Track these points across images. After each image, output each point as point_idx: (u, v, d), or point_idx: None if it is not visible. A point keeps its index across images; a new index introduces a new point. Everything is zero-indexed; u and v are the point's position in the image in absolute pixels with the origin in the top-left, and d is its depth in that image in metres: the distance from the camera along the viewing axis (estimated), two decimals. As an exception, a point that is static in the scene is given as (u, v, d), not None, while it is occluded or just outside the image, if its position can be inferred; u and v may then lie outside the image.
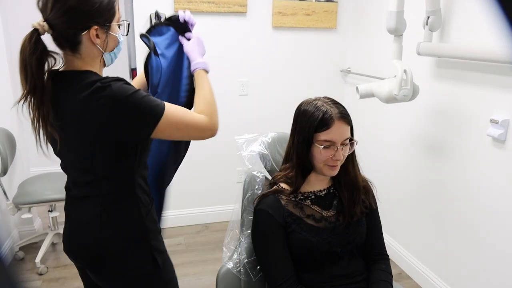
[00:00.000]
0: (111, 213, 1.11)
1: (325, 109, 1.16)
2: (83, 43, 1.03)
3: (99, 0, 1.01)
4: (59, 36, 1.03)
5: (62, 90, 1.03)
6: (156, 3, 2.66)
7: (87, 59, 1.06)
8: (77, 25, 1.00)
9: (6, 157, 2.28)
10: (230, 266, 1.32)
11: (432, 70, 2.20)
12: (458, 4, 1.98)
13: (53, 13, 0.99)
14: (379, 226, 1.33)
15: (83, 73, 1.04)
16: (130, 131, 1.03)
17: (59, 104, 1.03)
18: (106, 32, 1.05)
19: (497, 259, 1.85)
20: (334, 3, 2.95)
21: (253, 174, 1.35)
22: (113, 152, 1.06)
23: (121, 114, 1.00)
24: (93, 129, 1.01)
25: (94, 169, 1.09)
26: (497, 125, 1.78)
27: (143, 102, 1.00)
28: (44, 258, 2.54)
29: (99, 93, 0.98)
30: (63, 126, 1.04)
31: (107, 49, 1.09)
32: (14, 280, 0.31)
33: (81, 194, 1.14)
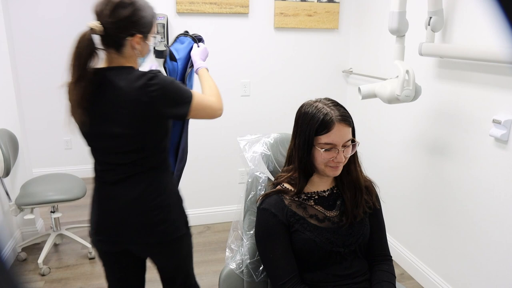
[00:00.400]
0: (154, 186, 1.32)
1: (325, 112, 1.16)
2: (126, 46, 1.25)
3: (145, 15, 1.24)
4: (108, 37, 1.23)
5: (110, 83, 1.23)
6: (158, 5, 2.66)
7: (129, 58, 1.28)
8: (126, 31, 1.22)
9: (9, 158, 2.29)
10: (232, 267, 1.32)
11: (434, 71, 2.19)
12: (460, 4, 1.98)
13: (108, 19, 1.20)
14: (382, 227, 1.33)
15: (129, 68, 1.27)
16: (176, 110, 1.27)
17: (105, 96, 1.23)
18: (144, 41, 1.27)
19: (500, 259, 1.85)
20: (336, 3, 2.95)
21: (255, 175, 1.35)
22: (159, 131, 1.29)
23: (170, 95, 1.24)
24: (148, 111, 1.22)
25: (143, 147, 1.28)
26: (499, 126, 1.78)
27: (181, 87, 1.28)
28: (46, 259, 2.54)
29: (152, 81, 1.21)
30: (118, 114, 1.23)
31: (141, 54, 1.31)
32: (16, 281, 0.31)
33: (125, 175, 1.30)
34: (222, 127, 2.99)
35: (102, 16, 1.21)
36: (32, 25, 3.62)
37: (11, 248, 2.62)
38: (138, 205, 1.31)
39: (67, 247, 2.78)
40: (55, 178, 2.67)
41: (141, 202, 1.31)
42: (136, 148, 1.28)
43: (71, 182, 2.63)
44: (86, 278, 2.45)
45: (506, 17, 0.31)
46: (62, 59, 3.73)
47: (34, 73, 3.72)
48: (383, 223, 1.33)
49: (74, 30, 3.85)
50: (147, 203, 1.31)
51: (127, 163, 1.29)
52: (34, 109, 3.76)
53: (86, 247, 2.66)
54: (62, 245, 2.80)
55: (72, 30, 3.68)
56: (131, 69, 1.26)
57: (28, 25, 3.61)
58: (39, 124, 3.83)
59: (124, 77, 1.23)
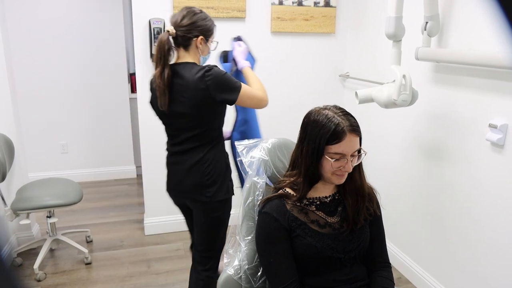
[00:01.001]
0: (210, 156, 1.68)
1: (337, 121, 1.15)
2: (191, 45, 1.64)
3: (206, 24, 1.65)
4: (179, 38, 1.63)
5: (180, 75, 1.61)
6: (155, 9, 2.66)
7: (193, 56, 1.66)
8: (191, 33, 1.62)
9: (5, 163, 2.27)
10: (231, 273, 1.31)
11: (431, 75, 2.21)
12: (456, 9, 1.99)
13: (181, 25, 1.61)
14: (382, 234, 1.33)
15: (193, 63, 1.64)
16: (226, 96, 1.61)
17: (176, 84, 1.61)
18: (205, 43, 1.66)
19: (497, 263, 1.85)
20: (333, 8, 2.96)
21: (253, 180, 1.35)
22: (214, 111, 1.65)
23: (221, 84, 1.58)
24: (205, 95, 1.57)
25: (200, 125, 1.64)
26: (495, 130, 1.79)
27: (232, 78, 1.62)
28: (42, 264, 2.52)
29: (208, 72, 1.57)
30: (184, 98, 1.60)
31: (202, 53, 1.69)
32: (15, 281, 0.31)
33: (189, 147, 1.68)
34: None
35: (175, 23, 1.62)
36: (29, 28, 3.61)
37: (7, 253, 2.60)
38: (195, 171, 1.68)
39: (63, 252, 2.76)
40: (51, 183, 2.66)
41: (197, 168, 1.68)
42: (195, 125, 1.64)
43: (67, 186, 2.61)
44: (83, 283, 2.43)
45: (506, 18, 0.31)
46: (58, 62, 3.74)
47: (30, 77, 3.70)
48: (383, 230, 1.34)
49: (71, 33, 3.86)
50: (201, 170, 1.67)
51: (189, 137, 1.67)
52: (30, 113, 3.75)
53: (82, 252, 2.65)
54: (58, 250, 2.79)
55: (69, 32, 3.70)
56: (194, 64, 1.63)
57: (24, 27, 3.60)
58: (35, 128, 3.82)
59: (188, 70, 1.60)
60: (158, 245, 2.89)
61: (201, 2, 2.70)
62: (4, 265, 0.31)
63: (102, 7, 3.75)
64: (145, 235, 3.02)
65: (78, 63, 3.80)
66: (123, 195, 3.80)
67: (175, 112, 1.64)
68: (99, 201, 3.65)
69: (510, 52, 0.33)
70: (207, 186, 1.68)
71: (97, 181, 4.11)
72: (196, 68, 1.60)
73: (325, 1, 2.95)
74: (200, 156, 1.67)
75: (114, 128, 4.05)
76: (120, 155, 4.15)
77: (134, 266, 2.62)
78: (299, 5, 2.89)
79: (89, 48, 3.80)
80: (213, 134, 1.69)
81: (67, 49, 3.75)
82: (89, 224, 3.19)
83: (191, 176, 1.68)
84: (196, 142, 1.67)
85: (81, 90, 3.87)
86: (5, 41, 2.55)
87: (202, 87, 1.57)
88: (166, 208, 3.04)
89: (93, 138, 4.02)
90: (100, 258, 2.70)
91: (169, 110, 1.64)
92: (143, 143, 2.88)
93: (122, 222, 3.24)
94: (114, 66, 3.91)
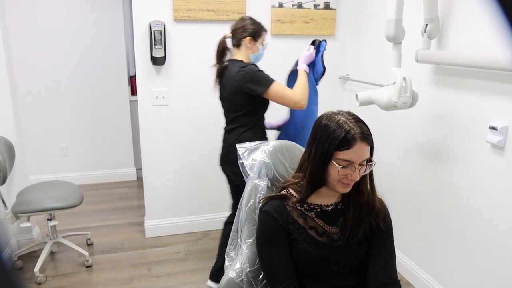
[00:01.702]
0: (243, 137, 2.03)
1: (348, 128, 1.12)
2: (242, 45, 2.06)
3: (255, 27, 2.06)
4: (233, 39, 2.09)
5: (228, 69, 2.08)
6: (155, 12, 2.67)
7: (243, 53, 2.08)
8: (242, 35, 2.05)
9: (5, 166, 2.27)
10: (232, 276, 1.31)
11: (431, 77, 2.21)
12: (455, 11, 2.00)
13: (235, 29, 2.07)
14: (389, 251, 1.24)
15: (239, 60, 2.06)
16: (253, 87, 1.96)
17: (225, 75, 2.09)
18: (253, 43, 2.06)
19: (498, 264, 1.85)
20: (333, 10, 2.97)
21: (255, 183, 1.35)
22: (247, 99, 2.01)
23: (251, 78, 1.96)
24: (237, 86, 1.99)
25: (238, 109, 2.05)
26: (496, 132, 1.79)
27: (263, 76, 1.98)
28: (43, 267, 2.52)
29: (243, 68, 1.98)
30: (227, 87, 2.08)
31: (252, 51, 2.08)
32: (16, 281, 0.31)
33: (231, 127, 2.12)
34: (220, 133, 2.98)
35: (232, 28, 2.10)
36: (29, 31, 3.61)
37: (8, 255, 2.59)
38: (232, 148, 1.88)
39: (64, 255, 2.75)
40: (51, 186, 2.66)
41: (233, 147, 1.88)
42: (233, 109, 2.07)
43: (68, 189, 2.61)
44: (83, 286, 2.43)
45: (506, 20, 0.31)
46: (58, 65, 3.74)
47: (30, 79, 3.70)
48: (390, 247, 1.26)
49: (71, 35, 3.87)
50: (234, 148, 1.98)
51: (231, 119, 2.10)
52: (30, 116, 3.75)
53: (83, 255, 2.64)
54: (59, 253, 2.78)
55: (69, 35, 3.71)
56: (240, 61, 2.05)
57: (24, 30, 3.60)
58: (35, 131, 3.81)
59: (233, 66, 2.04)
60: (159, 248, 2.88)
61: (201, 5, 2.71)
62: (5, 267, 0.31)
63: (102, 9, 3.76)
64: (146, 238, 3.01)
65: (78, 65, 3.80)
66: (123, 198, 3.80)
67: (222, 96, 2.14)
68: (99, 204, 3.65)
69: (510, 54, 0.33)
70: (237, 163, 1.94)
71: (98, 183, 4.11)
72: (238, 64, 2.02)
73: (325, 4, 2.95)
74: (237, 136, 2.07)
75: (114, 130, 4.05)
76: (120, 158, 4.14)
77: (135, 269, 2.62)
78: (299, 7, 2.90)
79: (90, 51, 3.81)
80: (248, 119, 2.06)
81: (67, 51, 3.75)
82: (90, 226, 3.19)
83: (230, 152, 2.05)
84: (236, 124, 2.09)
85: (81, 93, 3.87)
86: (5, 43, 2.55)
87: (237, 79, 1.98)
88: (166, 210, 3.04)
89: (94, 140, 4.02)
90: (101, 261, 2.70)
91: (220, 95, 2.16)
92: (143, 145, 2.89)
93: (123, 225, 3.23)
94: (114, 68, 3.91)
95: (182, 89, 2.85)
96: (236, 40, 2.07)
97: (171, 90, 2.83)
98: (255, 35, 2.06)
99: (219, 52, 2.11)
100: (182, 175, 3.01)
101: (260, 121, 2.13)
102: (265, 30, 2.10)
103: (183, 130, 2.93)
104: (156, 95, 2.81)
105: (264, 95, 1.97)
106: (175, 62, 2.80)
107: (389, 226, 1.27)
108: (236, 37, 2.07)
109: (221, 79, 2.12)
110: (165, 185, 2.99)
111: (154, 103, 2.82)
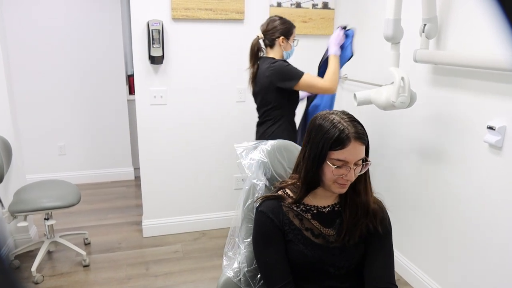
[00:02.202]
0: (270, 130, 2.21)
1: (342, 127, 1.10)
2: (275, 44, 2.20)
3: (286, 26, 2.19)
4: (266, 40, 2.22)
5: (261, 66, 2.21)
6: (153, 11, 2.66)
7: (276, 52, 2.21)
8: (275, 35, 2.18)
9: (2, 164, 2.26)
10: (230, 275, 1.31)
11: (429, 77, 2.21)
12: (454, 11, 2.00)
13: (267, 30, 2.20)
14: (387, 254, 1.23)
15: (271, 58, 2.19)
16: (283, 83, 2.12)
17: (258, 72, 2.22)
18: (286, 41, 2.19)
19: (495, 264, 1.86)
20: (331, 10, 2.97)
21: (253, 182, 1.35)
22: (278, 93, 2.15)
23: (280, 73, 2.11)
24: (267, 81, 2.14)
25: (267, 103, 2.20)
26: (494, 132, 1.79)
27: (293, 70, 2.12)
28: (40, 267, 2.51)
29: (273, 64, 2.13)
30: (258, 83, 2.22)
31: (285, 49, 2.21)
32: (14, 280, 0.31)
33: (261, 121, 2.29)
34: (218, 132, 2.99)
35: (263, 29, 2.22)
36: (26, 30, 3.60)
37: (6, 253, 2.58)
38: (262, 137, 2.20)
39: (61, 255, 2.75)
40: (49, 185, 2.65)
41: (263, 135, 2.24)
42: (263, 104, 2.23)
43: (65, 188, 2.60)
44: (81, 286, 2.42)
45: (505, 20, 0.31)
46: (56, 64, 3.73)
47: (28, 78, 3.69)
48: (389, 250, 1.24)
49: (69, 34, 3.86)
50: (266, 137, 2.18)
51: (262, 113, 2.27)
52: (27, 115, 3.74)
53: (80, 255, 2.64)
54: (56, 252, 2.77)
55: (67, 34, 3.70)
56: (271, 58, 2.18)
57: (22, 29, 3.59)
58: (33, 130, 3.80)
59: (265, 62, 2.18)
60: (157, 247, 2.88)
61: (199, 4, 2.70)
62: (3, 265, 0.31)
63: (100, 8, 3.75)
64: (143, 237, 3.01)
65: (76, 64, 3.79)
66: (121, 197, 3.79)
67: (255, 92, 2.28)
68: (97, 203, 3.64)
69: (508, 54, 0.33)
70: None
71: (95, 183, 4.10)
72: (269, 61, 2.16)
73: (323, 3, 2.95)
74: (265, 129, 2.24)
75: (112, 129, 4.04)
76: (118, 157, 4.14)
77: (132, 268, 2.62)
78: (297, 7, 2.90)
79: (87, 50, 3.80)
80: (276, 113, 2.20)
81: (65, 51, 3.74)
82: (87, 226, 3.18)
83: None
84: (265, 118, 2.25)
85: (79, 92, 3.86)
86: (2, 43, 2.54)
87: (267, 74, 2.13)
88: (164, 210, 3.03)
89: (91, 140, 4.01)
90: (98, 260, 2.69)
91: (253, 92, 2.30)
92: (141, 145, 2.88)
93: (120, 224, 3.23)
94: (112, 67, 3.90)
95: (180, 88, 2.85)
96: (269, 41, 2.20)
97: (169, 89, 2.83)
98: (287, 33, 2.18)
99: (254, 54, 2.22)
100: (180, 175, 3.01)
101: (289, 116, 2.25)
102: (294, 26, 2.22)
103: (181, 129, 2.92)
104: (154, 94, 2.80)
105: (295, 88, 2.10)
106: (173, 61, 2.79)
107: (388, 229, 1.26)
108: (268, 37, 2.19)
109: (254, 78, 2.25)
110: (163, 184, 2.99)
111: (152, 102, 2.81)
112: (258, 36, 2.22)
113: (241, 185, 1.42)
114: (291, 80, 2.09)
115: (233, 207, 1.71)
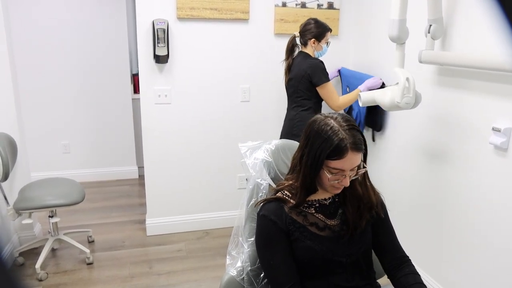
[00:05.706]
0: (299, 116, 2.49)
1: (341, 137, 1.10)
2: (308, 44, 2.47)
3: (319, 30, 2.45)
4: (301, 39, 2.50)
5: (296, 59, 2.52)
6: (158, 10, 2.67)
7: (309, 50, 2.48)
8: (307, 36, 2.46)
9: (8, 162, 2.28)
10: (233, 274, 1.31)
11: (434, 78, 2.20)
12: (459, 12, 1.99)
13: (302, 31, 2.48)
14: (392, 232, 1.32)
15: (306, 54, 2.49)
16: (314, 78, 2.41)
17: (294, 64, 2.52)
18: (317, 43, 2.47)
19: (499, 265, 1.85)
20: (336, 10, 2.96)
21: (257, 181, 1.35)
22: (308, 86, 2.44)
23: (314, 69, 2.41)
24: (303, 73, 2.43)
25: (299, 91, 2.48)
26: (499, 133, 1.78)
27: (325, 72, 2.43)
28: (44, 264, 2.52)
29: (313, 60, 2.43)
30: (293, 74, 2.49)
31: (316, 50, 2.49)
32: (16, 281, 0.31)
33: (291, 106, 2.56)
34: (222, 132, 2.99)
35: (300, 29, 2.50)
36: (31, 28, 3.62)
37: (8, 252, 2.60)
38: (289, 123, 2.55)
39: (65, 252, 2.76)
40: (53, 183, 2.66)
41: (291, 122, 2.53)
42: (295, 91, 2.50)
43: (70, 186, 2.62)
44: (84, 283, 2.43)
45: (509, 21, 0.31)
46: (61, 62, 3.75)
47: (33, 76, 3.71)
48: (391, 228, 1.33)
49: (74, 32, 3.87)
50: (292, 124, 2.52)
51: (292, 100, 2.54)
52: (32, 113, 3.76)
53: (84, 252, 2.65)
54: (60, 250, 2.79)
55: (72, 32, 3.71)
56: (307, 54, 2.48)
57: (27, 28, 3.61)
58: (38, 128, 3.82)
59: (301, 57, 2.49)
60: (160, 246, 2.89)
61: (205, 4, 2.71)
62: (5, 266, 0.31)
63: (105, 8, 3.76)
64: (147, 236, 3.02)
65: (81, 63, 3.81)
66: (125, 196, 3.80)
67: (288, 83, 2.54)
68: (101, 201, 3.65)
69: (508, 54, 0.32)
70: (292, 135, 2.42)
71: (99, 181, 4.12)
72: (308, 57, 2.47)
73: (328, 4, 2.95)
74: (294, 114, 2.51)
75: (116, 128, 4.06)
76: (122, 156, 4.15)
77: (136, 266, 2.63)
78: (302, 7, 2.90)
79: (92, 48, 3.81)
80: (305, 102, 2.48)
81: (70, 49, 3.75)
82: (91, 224, 3.19)
83: (287, 126, 2.56)
84: (294, 104, 2.52)
85: (84, 90, 3.88)
86: (8, 41, 2.56)
87: (304, 67, 2.43)
88: (168, 209, 3.04)
89: (96, 138, 4.03)
90: (102, 258, 2.70)
91: (286, 82, 2.57)
92: (145, 143, 2.89)
93: (124, 223, 3.24)
94: (117, 66, 3.91)
95: (185, 87, 2.85)
96: (304, 40, 2.48)
97: (173, 89, 2.83)
98: (319, 36, 2.45)
99: (289, 49, 2.54)
100: (184, 174, 3.02)
101: (316, 106, 2.51)
102: (328, 30, 2.47)
103: (186, 128, 2.93)
104: (158, 93, 2.81)
105: (319, 86, 2.41)
106: (178, 61, 2.80)
107: (385, 210, 1.33)
108: (303, 37, 2.47)
109: (289, 70, 2.53)
110: (166, 183, 2.99)
111: (156, 101, 2.82)
112: (295, 34, 2.53)
113: (245, 185, 1.42)
114: (318, 80, 2.39)
115: (236, 206, 1.71)
